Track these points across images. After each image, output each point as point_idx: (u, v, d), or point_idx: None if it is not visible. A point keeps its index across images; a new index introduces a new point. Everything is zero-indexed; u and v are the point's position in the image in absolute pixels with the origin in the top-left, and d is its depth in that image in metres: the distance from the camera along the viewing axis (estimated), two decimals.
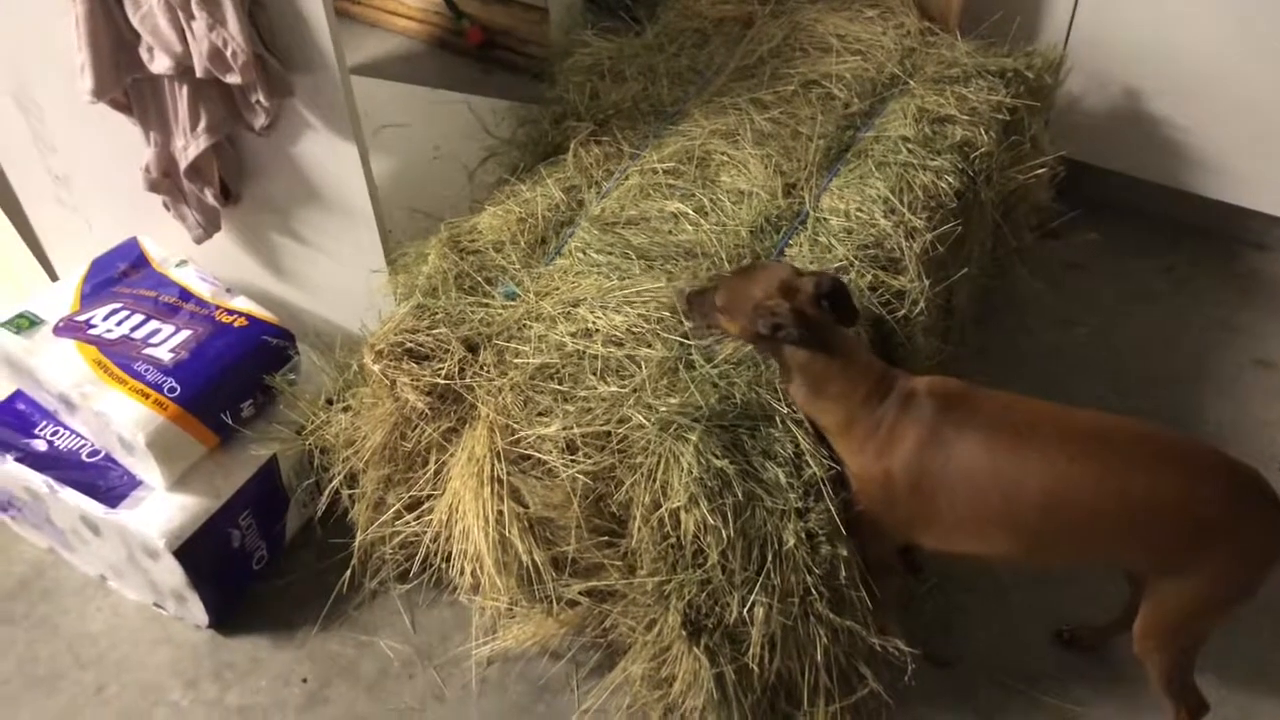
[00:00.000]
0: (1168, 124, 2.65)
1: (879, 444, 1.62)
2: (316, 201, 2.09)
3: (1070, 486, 1.57)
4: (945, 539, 1.70)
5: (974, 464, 1.60)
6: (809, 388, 1.64)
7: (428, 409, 1.78)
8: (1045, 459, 1.59)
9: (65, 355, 2.04)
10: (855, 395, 1.63)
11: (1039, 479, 1.58)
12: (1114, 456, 1.58)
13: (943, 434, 1.61)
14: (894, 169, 2.04)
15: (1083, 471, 1.57)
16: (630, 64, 2.37)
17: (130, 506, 1.97)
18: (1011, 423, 1.62)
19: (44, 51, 2.08)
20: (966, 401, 1.64)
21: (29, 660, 2.07)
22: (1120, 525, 1.59)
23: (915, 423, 1.61)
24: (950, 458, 1.61)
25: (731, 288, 1.66)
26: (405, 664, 2.04)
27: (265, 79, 1.86)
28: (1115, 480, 1.56)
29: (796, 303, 1.59)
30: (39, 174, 2.38)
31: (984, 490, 1.61)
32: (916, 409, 1.62)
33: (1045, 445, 1.59)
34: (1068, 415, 1.65)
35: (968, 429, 1.61)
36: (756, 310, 1.59)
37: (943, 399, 1.63)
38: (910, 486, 1.63)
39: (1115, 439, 1.61)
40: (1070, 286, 2.70)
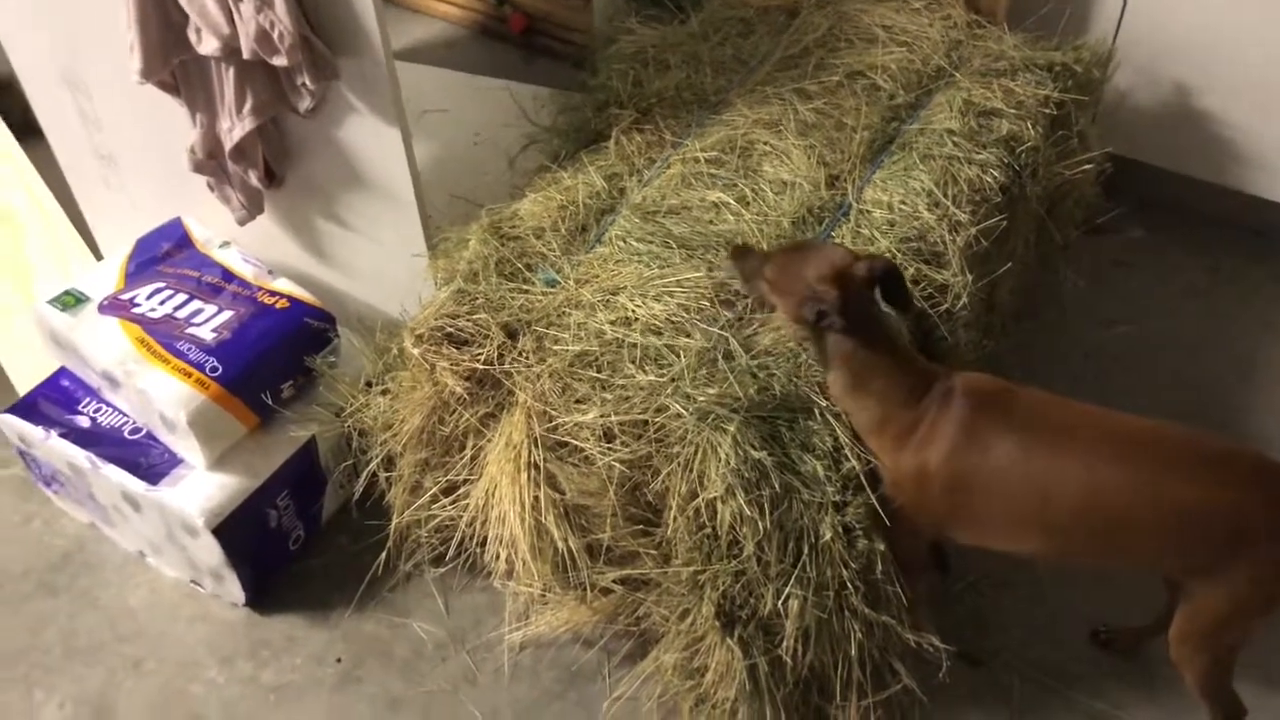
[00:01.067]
0: (1217, 120, 2.61)
1: (916, 442, 1.61)
2: (359, 185, 2.10)
3: (1105, 490, 1.56)
4: (979, 537, 1.69)
5: (1010, 464, 1.59)
6: (849, 380, 1.63)
7: (466, 394, 1.79)
8: (1081, 462, 1.57)
9: (109, 333, 2.06)
10: (896, 392, 1.61)
11: (1075, 481, 1.57)
12: (1151, 461, 1.57)
13: (979, 433, 1.59)
14: (939, 162, 2.02)
15: (1118, 475, 1.55)
16: (674, 52, 2.36)
17: (170, 484, 2.00)
18: (1049, 424, 1.61)
19: (94, 32, 2.10)
20: (1005, 401, 1.63)
21: (69, 632, 2.10)
22: (1155, 530, 1.57)
23: (952, 421, 1.60)
24: (986, 458, 1.59)
25: (783, 264, 1.64)
26: (438, 647, 2.05)
27: (311, 61, 1.86)
28: (1151, 485, 1.55)
29: (847, 291, 1.56)
30: (86, 154, 2.40)
31: (1019, 491, 1.60)
32: (954, 407, 1.60)
33: (1082, 447, 1.58)
34: (1106, 418, 1.63)
35: (1005, 429, 1.59)
36: (805, 294, 1.58)
37: (981, 397, 1.62)
38: (945, 485, 1.61)
39: (1152, 443, 1.59)
40: (1114, 284, 2.67)
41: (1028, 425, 1.60)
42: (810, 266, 1.59)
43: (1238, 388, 2.45)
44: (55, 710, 1.99)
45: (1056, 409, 1.64)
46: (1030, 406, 1.63)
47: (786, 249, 1.69)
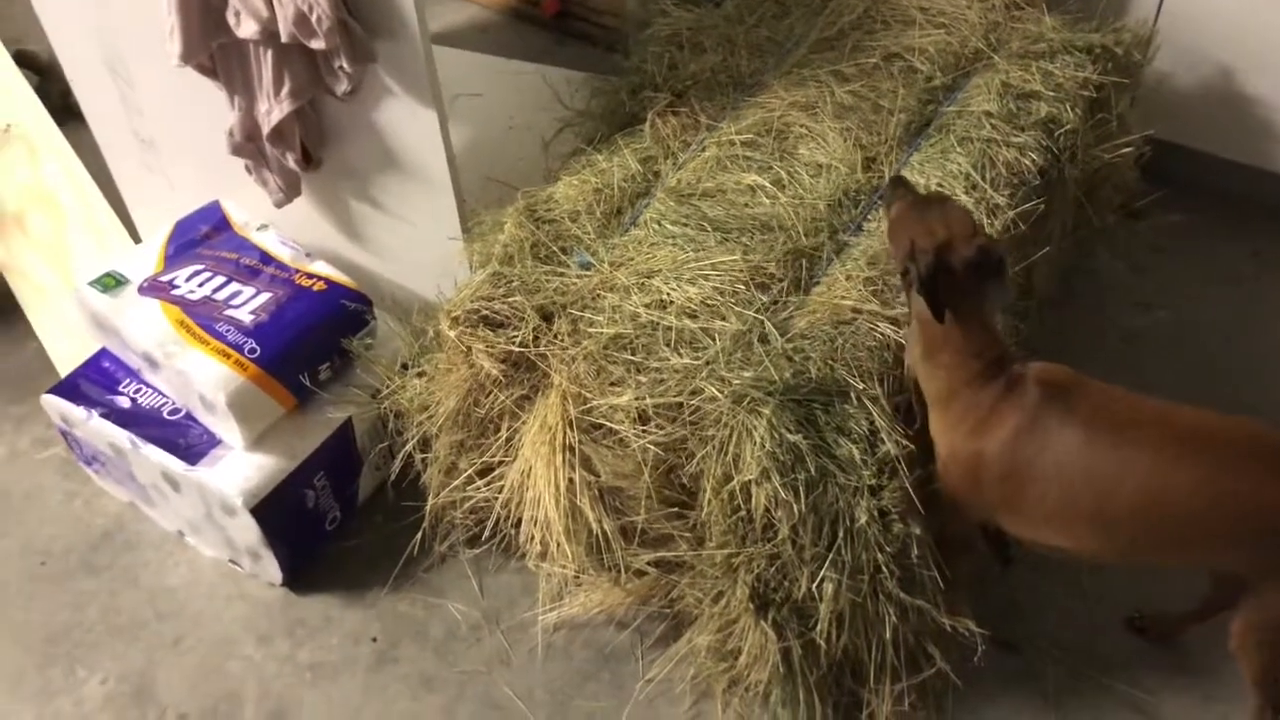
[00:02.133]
0: (1260, 104, 2.57)
1: (975, 424, 1.60)
2: (395, 168, 2.11)
3: (1168, 489, 1.54)
4: (1031, 530, 1.67)
5: (1069, 459, 1.57)
6: (923, 345, 1.63)
7: (502, 376, 1.80)
8: (1144, 459, 1.55)
9: (150, 314, 2.08)
10: (964, 370, 1.60)
11: (1136, 480, 1.55)
12: (1214, 459, 1.54)
13: (1042, 424, 1.58)
14: (976, 145, 2.01)
15: (1181, 474, 1.54)
16: (709, 35, 2.35)
17: (209, 464, 2.02)
18: (1113, 419, 1.59)
19: (134, 16, 2.12)
20: (1072, 393, 1.61)
21: (111, 610, 2.13)
22: (1219, 530, 1.55)
23: (1016, 409, 1.59)
24: (1046, 449, 1.58)
25: (905, 211, 1.65)
26: (473, 627, 2.07)
27: (349, 44, 1.87)
28: (1214, 485, 1.53)
29: (945, 259, 1.56)
30: (125, 137, 2.42)
31: (1077, 486, 1.58)
32: (1020, 394, 1.59)
33: (1145, 445, 1.56)
34: (1172, 414, 1.60)
35: (1068, 422, 1.58)
36: (906, 248, 1.58)
37: (1049, 387, 1.60)
38: (1002, 473, 1.61)
39: (1217, 440, 1.57)
40: (1152, 269, 2.64)
41: (1091, 420, 1.58)
42: (924, 224, 1.59)
43: (1276, 375, 2.42)
44: (97, 686, 2.02)
45: (1123, 404, 1.62)
46: (1097, 400, 1.61)
47: (920, 198, 1.68)
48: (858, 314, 1.74)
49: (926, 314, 1.58)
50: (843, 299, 1.77)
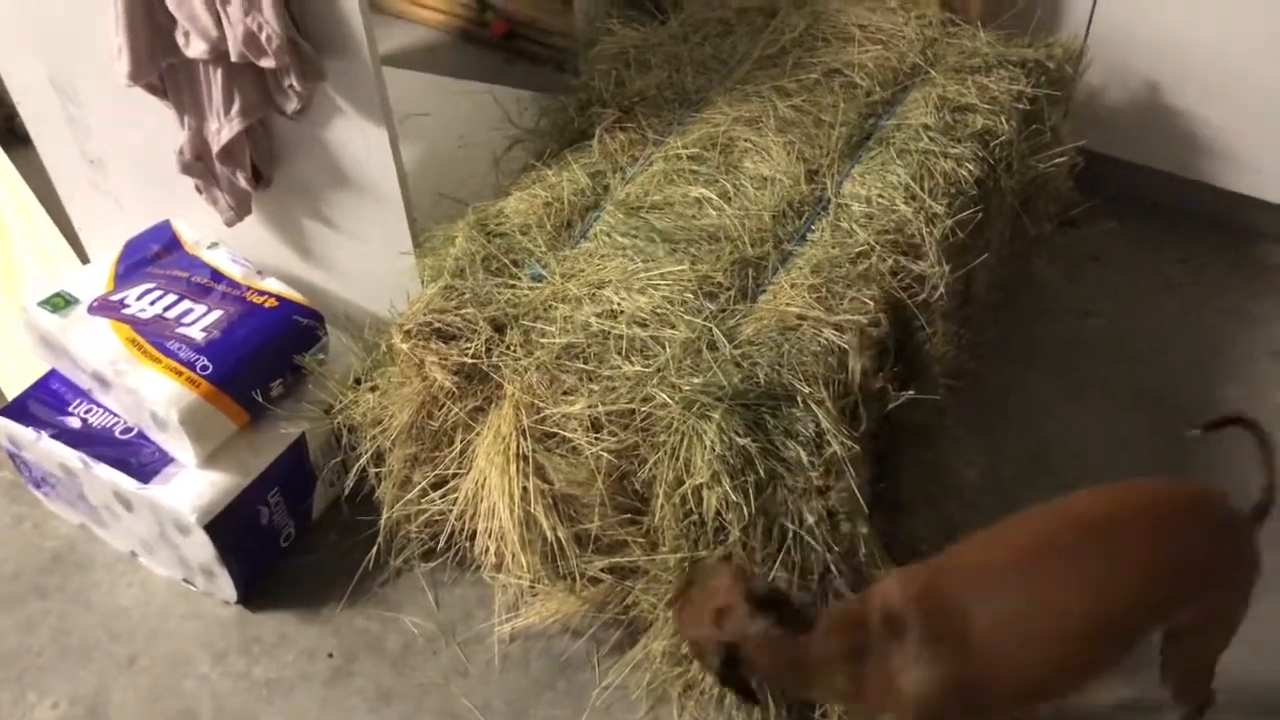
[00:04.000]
0: (1187, 116, 2.66)
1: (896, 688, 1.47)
2: (346, 185, 2.13)
3: (1098, 587, 1.47)
4: (1030, 696, 1.56)
5: (999, 633, 1.46)
6: (798, 681, 1.53)
7: (455, 388, 1.82)
8: (1060, 581, 1.47)
9: (100, 334, 2.08)
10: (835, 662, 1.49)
11: (1067, 602, 1.47)
12: (1123, 539, 1.50)
13: (947, 636, 1.45)
14: (915, 156, 2.06)
15: (1102, 567, 1.48)
16: (655, 52, 2.40)
17: (162, 482, 2.02)
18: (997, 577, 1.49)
19: (81, 35, 2.12)
20: (941, 584, 1.49)
21: (62, 633, 2.11)
22: (1157, 591, 1.51)
23: (913, 644, 1.45)
24: (972, 647, 1.45)
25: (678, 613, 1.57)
26: (429, 640, 2.07)
27: (298, 63, 1.89)
28: (1135, 558, 1.49)
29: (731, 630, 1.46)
30: (74, 158, 2.42)
31: (1026, 649, 1.47)
32: (902, 630, 1.46)
33: (1042, 574, 1.48)
34: (1043, 525, 1.53)
35: (965, 608, 1.46)
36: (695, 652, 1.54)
37: (918, 600, 1.47)
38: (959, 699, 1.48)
39: (1121, 515, 1.53)
40: (1088, 276, 2.72)
41: (982, 586, 1.48)
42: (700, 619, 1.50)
43: (1210, 378, 2.50)
44: (49, 710, 2.00)
45: (993, 555, 1.52)
46: (966, 570, 1.51)
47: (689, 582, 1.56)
48: (803, 320, 1.78)
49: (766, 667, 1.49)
50: (788, 306, 1.81)
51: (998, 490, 2.23)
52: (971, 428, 2.22)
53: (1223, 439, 1.69)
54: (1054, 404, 2.44)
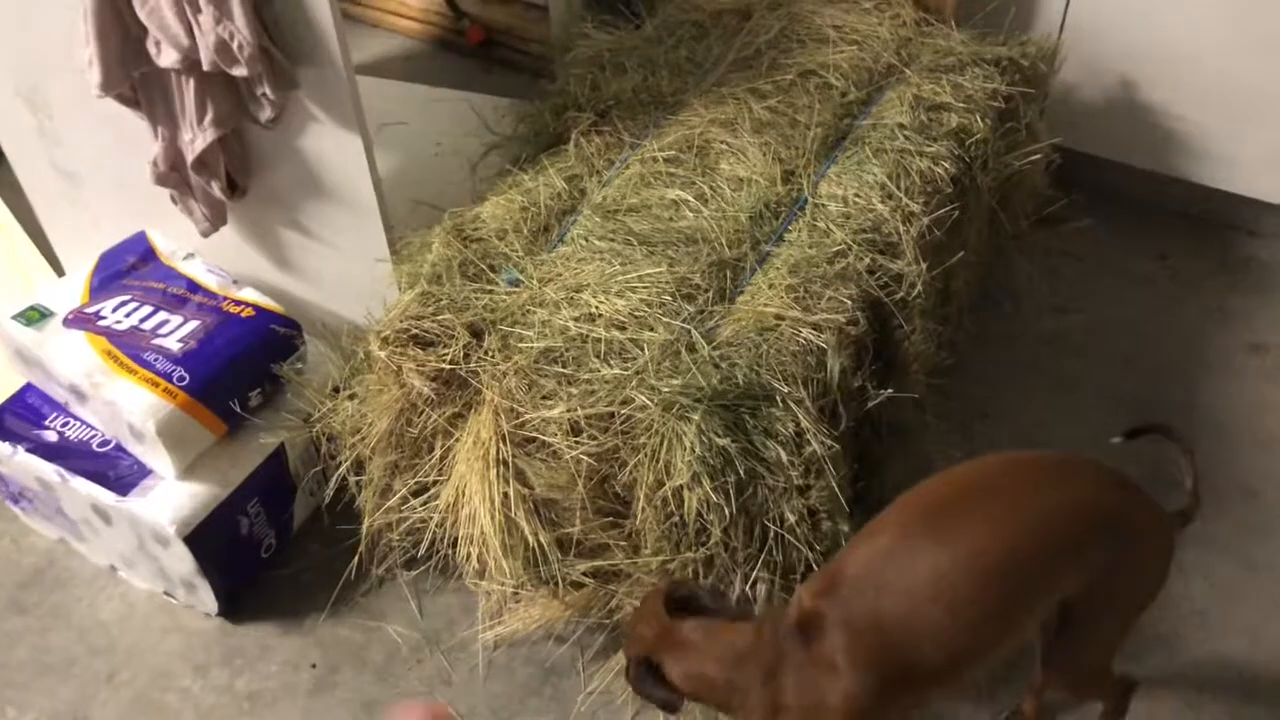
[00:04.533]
0: (1161, 112, 2.68)
1: (814, 696, 1.44)
2: (321, 194, 2.12)
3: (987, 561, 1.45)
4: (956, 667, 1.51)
5: (907, 615, 1.44)
6: (720, 693, 1.49)
7: (433, 394, 1.81)
8: (952, 553, 1.45)
9: (75, 346, 2.06)
10: (757, 679, 1.45)
11: (965, 571, 1.44)
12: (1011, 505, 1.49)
13: (859, 630, 1.43)
14: (891, 156, 2.07)
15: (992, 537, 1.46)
16: (630, 56, 2.40)
17: (140, 495, 2.00)
18: (893, 555, 1.47)
19: (52, 47, 2.10)
20: (843, 577, 1.46)
21: (41, 648, 2.09)
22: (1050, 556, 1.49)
23: (828, 647, 1.43)
24: (885, 633, 1.43)
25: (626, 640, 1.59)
26: (413, 649, 2.06)
27: (271, 72, 1.89)
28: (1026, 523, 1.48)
29: (649, 653, 1.48)
30: (46, 170, 2.40)
31: (936, 616, 1.44)
32: (815, 633, 1.44)
33: (933, 541, 1.46)
34: (925, 496, 1.53)
35: (871, 598, 1.44)
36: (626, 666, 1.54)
37: (827, 598, 1.45)
38: (888, 694, 1.45)
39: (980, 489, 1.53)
40: (1065, 273, 2.73)
41: (881, 568, 1.46)
42: (633, 636, 1.53)
43: (1187, 372, 2.51)
44: None
45: (883, 530, 1.50)
46: (863, 554, 1.48)
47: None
48: (781, 320, 1.78)
49: (692, 689, 1.49)
50: (766, 307, 1.81)
51: None
52: (951, 425, 2.24)
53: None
54: (1033, 400, 2.45)
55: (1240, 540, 2.17)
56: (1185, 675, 1.96)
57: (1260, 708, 1.94)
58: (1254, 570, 2.13)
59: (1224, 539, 2.17)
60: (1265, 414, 2.41)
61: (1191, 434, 2.35)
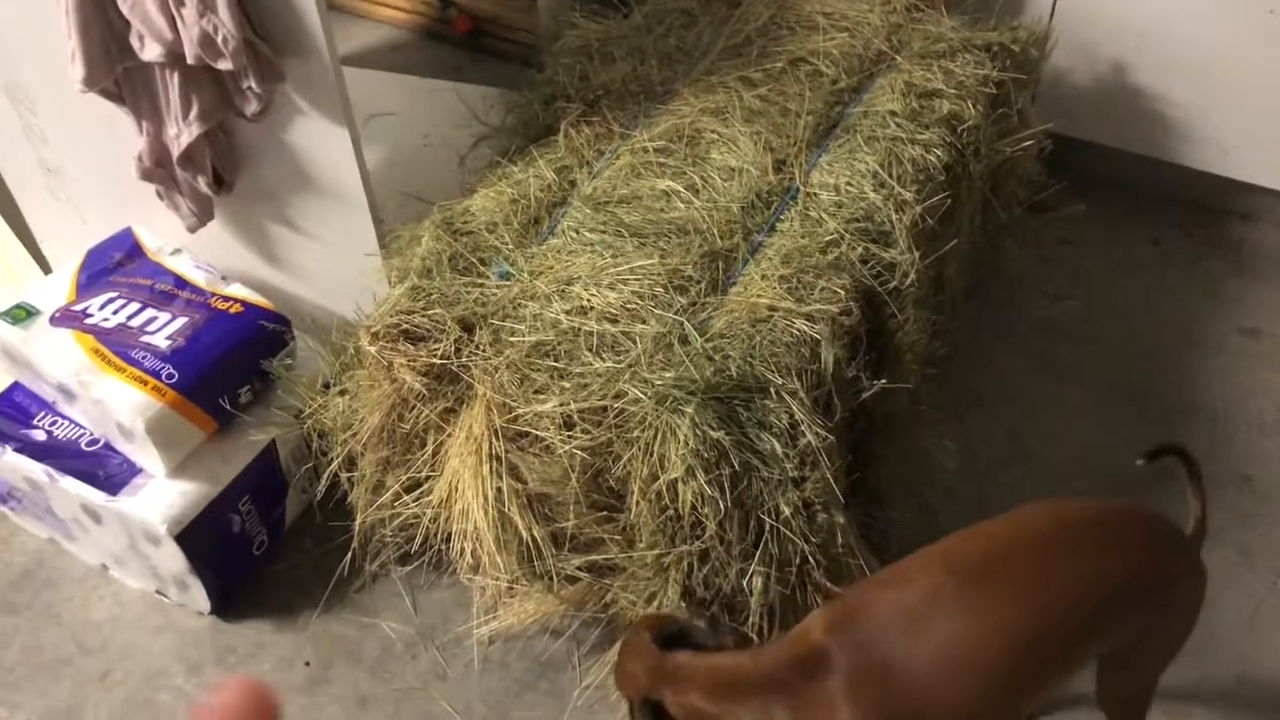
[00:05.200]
0: (1153, 97, 2.67)
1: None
2: (309, 187, 2.10)
3: (1021, 620, 1.40)
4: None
5: (925, 673, 1.38)
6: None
7: (425, 389, 1.79)
8: (984, 615, 1.39)
9: (63, 344, 2.04)
10: (750, 713, 1.42)
11: (994, 638, 1.39)
12: (1036, 570, 1.43)
13: (870, 676, 1.38)
14: (882, 143, 2.05)
15: (1024, 601, 1.41)
16: (619, 45, 2.37)
17: (130, 493, 1.99)
18: (919, 608, 1.41)
19: (35, 42, 2.08)
20: (862, 618, 1.42)
21: (33, 648, 2.08)
22: (1084, 621, 1.44)
23: (835, 686, 1.38)
24: (896, 686, 1.38)
25: (619, 679, 1.55)
26: (407, 645, 2.05)
27: (256, 64, 1.86)
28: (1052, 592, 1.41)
29: (650, 693, 1.46)
30: (31, 166, 2.38)
31: (954, 681, 1.39)
32: (823, 670, 1.39)
33: (966, 603, 1.40)
34: (966, 551, 1.47)
35: (888, 648, 1.39)
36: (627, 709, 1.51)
37: (838, 636, 1.41)
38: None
39: (1022, 552, 1.46)
40: (1059, 259, 2.72)
41: (905, 619, 1.40)
42: (625, 675, 1.51)
43: (1182, 358, 2.51)
44: None
45: (915, 578, 1.44)
46: (889, 599, 1.43)
47: (617, 666, 1.57)
48: (774, 311, 1.77)
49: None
50: (759, 298, 1.79)
51: (974, 475, 2.25)
52: (945, 414, 2.23)
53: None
54: (1028, 387, 2.44)
55: (1234, 526, 2.17)
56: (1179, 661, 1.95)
57: (1255, 693, 1.94)
58: (1247, 555, 2.13)
59: (1217, 525, 2.14)
60: (1259, 398, 2.41)
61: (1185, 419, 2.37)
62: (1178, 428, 2.35)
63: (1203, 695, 1.93)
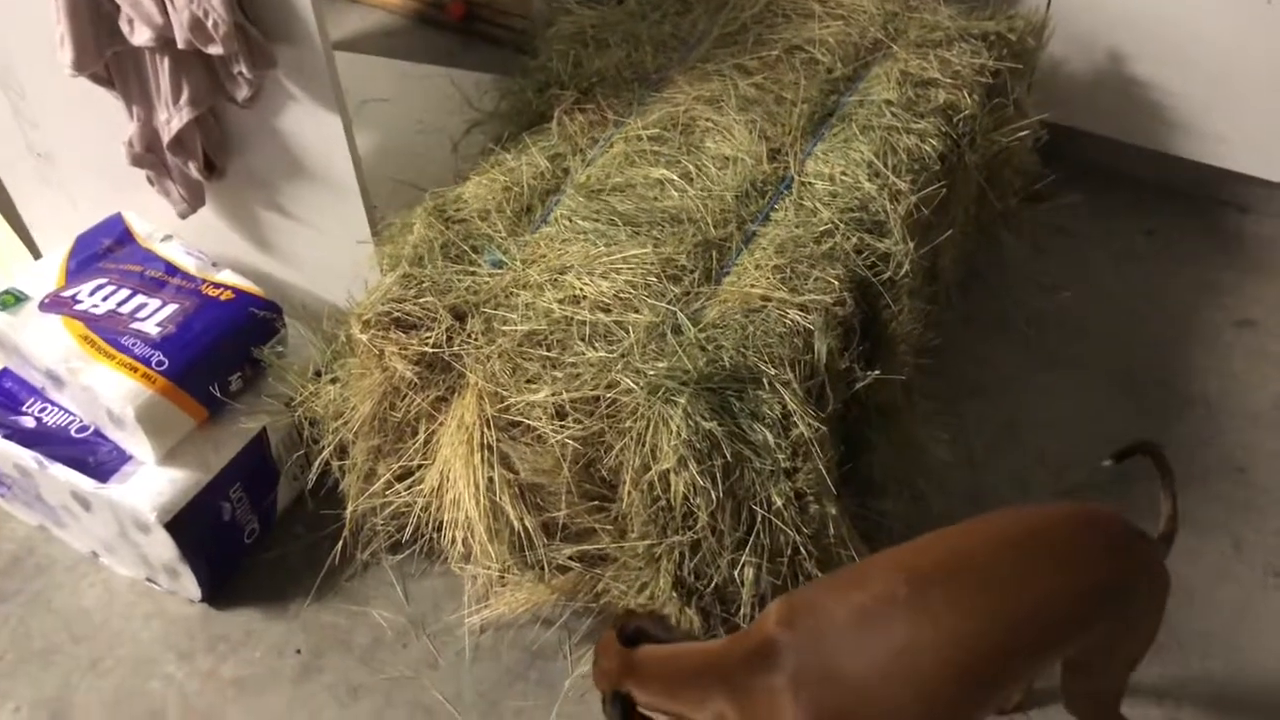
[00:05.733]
0: (1150, 87, 2.66)
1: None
2: (301, 174, 2.09)
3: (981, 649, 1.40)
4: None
5: (875, 678, 1.39)
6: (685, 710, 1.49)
7: (416, 378, 1.79)
8: (935, 624, 1.38)
9: (52, 331, 2.03)
10: (702, 702, 1.45)
11: (943, 649, 1.38)
12: (994, 576, 1.42)
13: (818, 675, 1.39)
14: (878, 133, 2.04)
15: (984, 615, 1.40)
16: (613, 32, 2.36)
17: (120, 481, 1.98)
18: (875, 612, 1.41)
19: (24, 25, 2.06)
20: (811, 614, 1.43)
21: (23, 635, 2.07)
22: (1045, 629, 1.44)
23: (782, 681, 1.39)
24: (845, 688, 1.39)
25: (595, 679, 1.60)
26: (399, 633, 2.05)
27: (247, 49, 1.85)
28: (1015, 601, 1.41)
29: (619, 684, 1.51)
30: (20, 151, 2.36)
31: (904, 688, 1.39)
32: (775, 663, 1.40)
33: (921, 609, 1.39)
34: (926, 556, 1.46)
35: (840, 651, 1.40)
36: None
37: (791, 630, 1.42)
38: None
39: (981, 559, 1.45)
40: (1054, 249, 2.71)
41: (859, 622, 1.40)
42: (600, 671, 1.56)
43: (1177, 348, 2.50)
44: (11, 714, 1.97)
45: (873, 581, 1.44)
46: (846, 601, 1.43)
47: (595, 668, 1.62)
48: (767, 301, 1.76)
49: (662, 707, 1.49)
50: (752, 288, 1.78)
51: (969, 465, 2.24)
52: (941, 405, 2.22)
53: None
54: (1023, 378, 2.44)
55: (1228, 518, 2.17)
56: (1171, 654, 1.96)
57: (1246, 686, 1.94)
58: (1241, 548, 2.13)
59: (1211, 516, 2.17)
60: (1254, 390, 2.41)
61: (1180, 410, 2.36)
62: (1173, 419, 2.35)
63: (1194, 688, 1.93)
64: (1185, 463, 2.25)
